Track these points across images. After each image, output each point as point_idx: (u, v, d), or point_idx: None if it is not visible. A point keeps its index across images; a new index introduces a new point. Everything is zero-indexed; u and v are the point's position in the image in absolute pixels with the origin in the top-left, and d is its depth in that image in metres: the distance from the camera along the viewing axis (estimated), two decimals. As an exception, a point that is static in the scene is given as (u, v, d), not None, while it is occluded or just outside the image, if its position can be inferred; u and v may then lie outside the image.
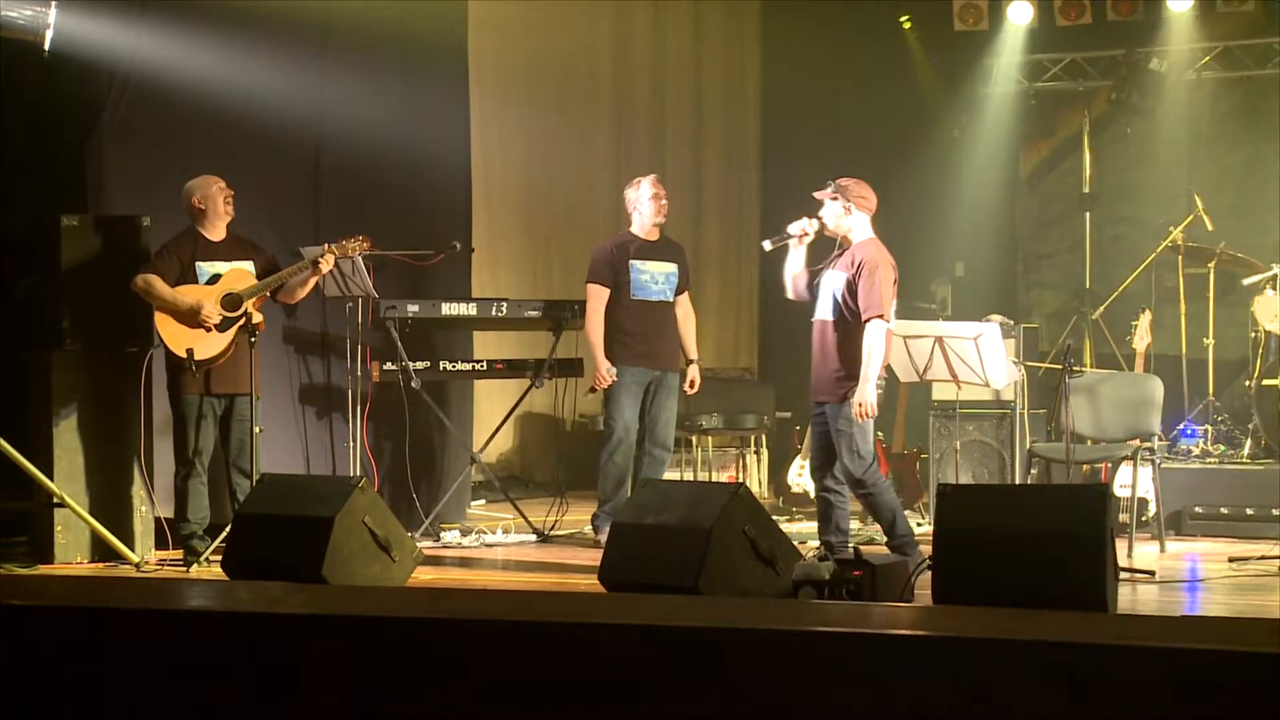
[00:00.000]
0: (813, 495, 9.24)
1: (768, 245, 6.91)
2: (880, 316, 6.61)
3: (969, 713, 3.71)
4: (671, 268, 7.88)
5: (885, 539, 6.86)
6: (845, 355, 6.67)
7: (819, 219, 6.80)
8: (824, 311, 6.75)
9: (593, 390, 8.00)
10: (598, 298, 7.76)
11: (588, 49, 11.01)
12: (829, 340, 6.73)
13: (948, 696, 3.74)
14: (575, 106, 10.87)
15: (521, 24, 10.28)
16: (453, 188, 9.02)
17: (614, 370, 7.69)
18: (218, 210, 7.11)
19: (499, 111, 10.04)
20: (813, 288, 6.86)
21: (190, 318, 6.94)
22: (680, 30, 11.66)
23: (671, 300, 7.88)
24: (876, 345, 6.61)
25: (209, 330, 6.97)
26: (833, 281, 6.75)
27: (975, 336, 7.31)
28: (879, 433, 9.43)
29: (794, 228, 6.81)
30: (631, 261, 7.78)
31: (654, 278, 7.82)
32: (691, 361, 7.98)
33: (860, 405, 6.57)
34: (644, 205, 7.82)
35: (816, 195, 6.83)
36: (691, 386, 7.98)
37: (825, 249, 6.91)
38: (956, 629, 4.15)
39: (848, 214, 6.78)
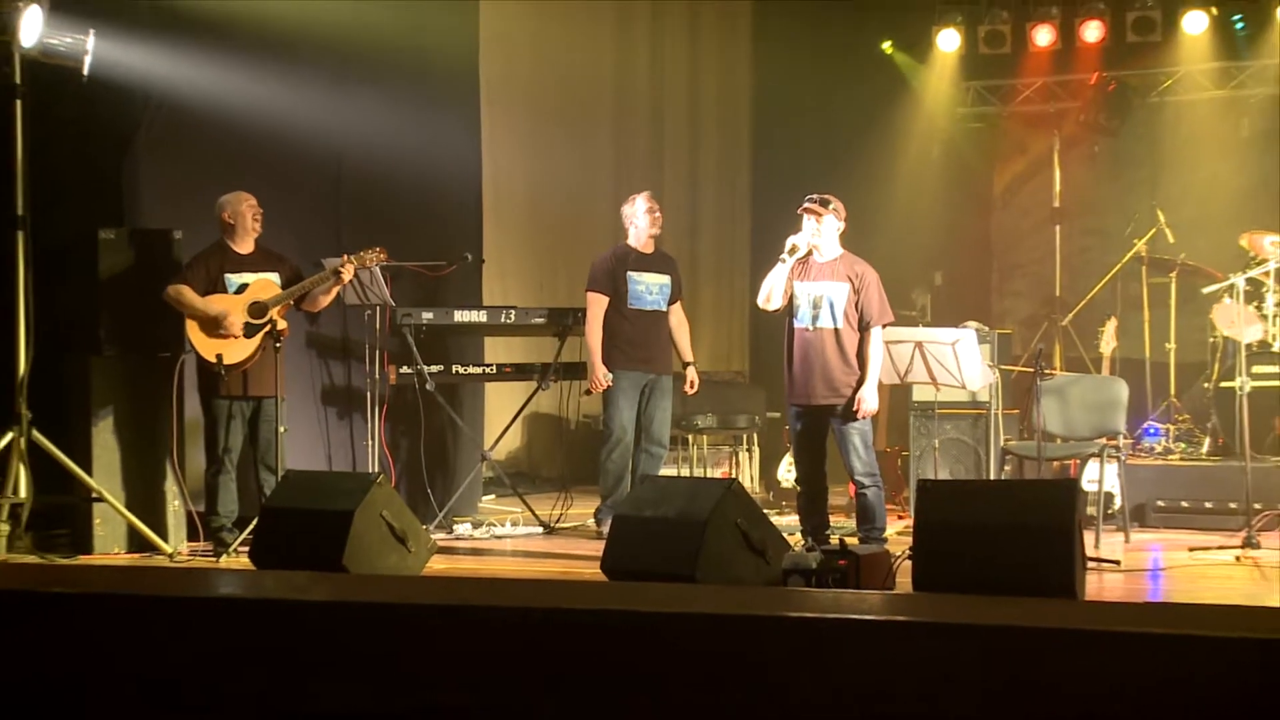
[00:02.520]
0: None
1: (791, 258, 6.86)
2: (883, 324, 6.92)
3: (946, 693, 3.72)
4: (665, 279, 7.90)
5: (864, 529, 6.87)
6: (855, 360, 6.81)
7: (818, 230, 6.85)
8: (826, 320, 6.80)
9: (589, 392, 8.02)
10: (597, 305, 7.78)
11: (591, 72, 11.03)
12: (836, 347, 6.80)
13: (926, 678, 3.75)
14: (579, 126, 10.89)
15: (529, 47, 10.31)
16: (464, 202, 9.04)
17: (610, 375, 7.70)
18: (246, 227, 7.14)
19: (508, 130, 10.06)
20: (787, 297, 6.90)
21: (218, 325, 6.97)
22: (677, 54, 11.68)
23: (665, 309, 7.89)
24: (881, 349, 6.91)
25: (236, 336, 6.99)
26: (829, 292, 6.80)
27: (953, 342, 7.34)
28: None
29: (804, 239, 6.84)
30: (629, 272, 7.79)
31: (649, 288, 7.84)
32: (689, 364, 8.00)
33: (868, 403, 6.79)
34: (640, 219, 7.83)
35: (816, 210, 6.84)
36: (691, 387, 8.00)
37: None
38: (935, 615, 4.17)
39: (841, 228, 6.89)
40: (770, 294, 6.86)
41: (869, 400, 6.82)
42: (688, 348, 8.02)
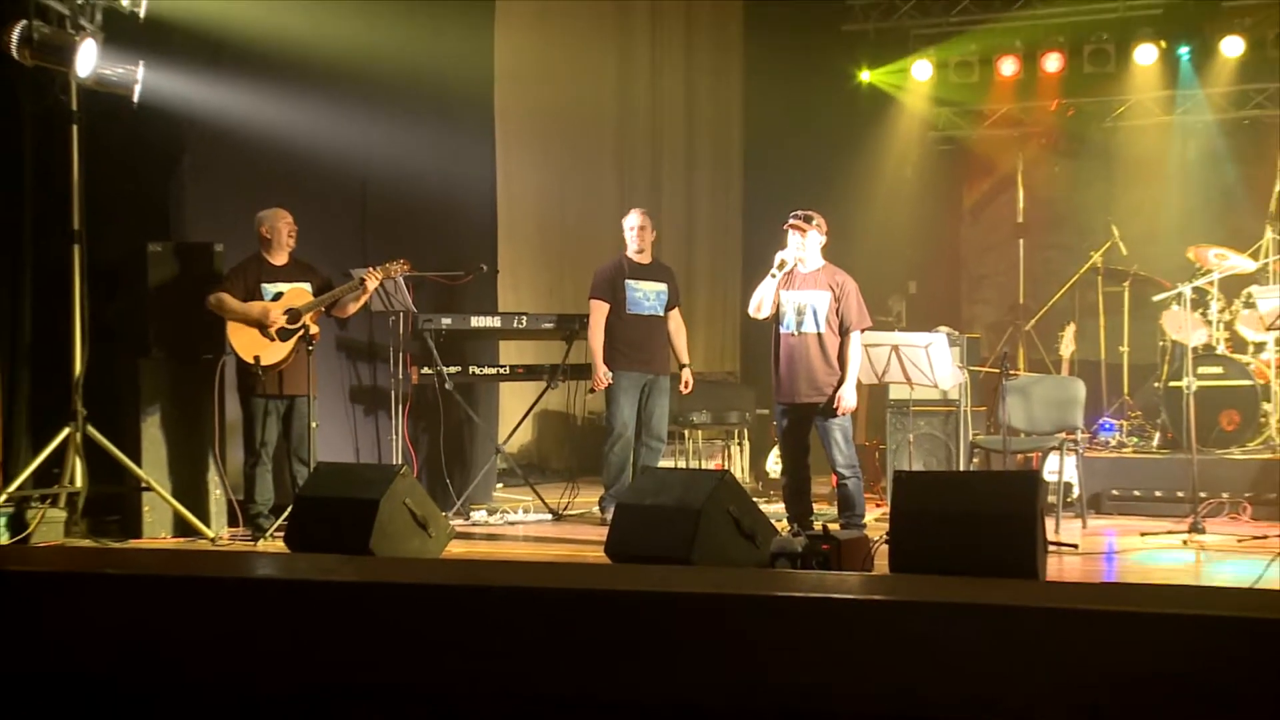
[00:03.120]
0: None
1: (780, 273, 6.84)
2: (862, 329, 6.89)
3: (920, 665, 3.72)
4: (661, 286, 7.89)
5: (845, 516, 6.85)
6: (836, 361, 6.79)
7: (803, 244, 6.85)
8: (809, 326, 6.80)
9: (592, 391, 8.02)
10: (599, 312, 7.77)
11: (595, 100, 11.02)
12: (820, 350, 6.79)
13: (901, 652, 3.75)
14: (584, 149, 10.89)
15: (540, 77, 10.29)
16: (480, 218, 9.03)
17: (610, 374, 7.70)
18: (281, 241, 7.15)
19: (519, 152, 10.04)
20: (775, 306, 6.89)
21: (257, 328, 6.98)
22: (674, 83, 11.67)
23: (662, 314, 7.88)
24: (859, 352, 6.89)
25: (272, 340, 7.00)
26: (812, 300, 6.80)
27: (926, 345, 7.33)
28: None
29: (790, 254, 6.83)
30: (627, 281, 7.79)
31: (646, 295, 7.83)
32: (684, 365, 7.99)
33: (847, 401, 6.77)
34: (627, 235, 7.85)
35: (801, 226, 6.84)
36: (686, 387, 7.99)
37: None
38: (910, 594, 4.17)
39: (823, 242, 6.89)
40: (760, 304, 6.87)
41: (849, 398, 6.81)
42: (684, 350, 8.02)
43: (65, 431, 6.64)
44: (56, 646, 4.25)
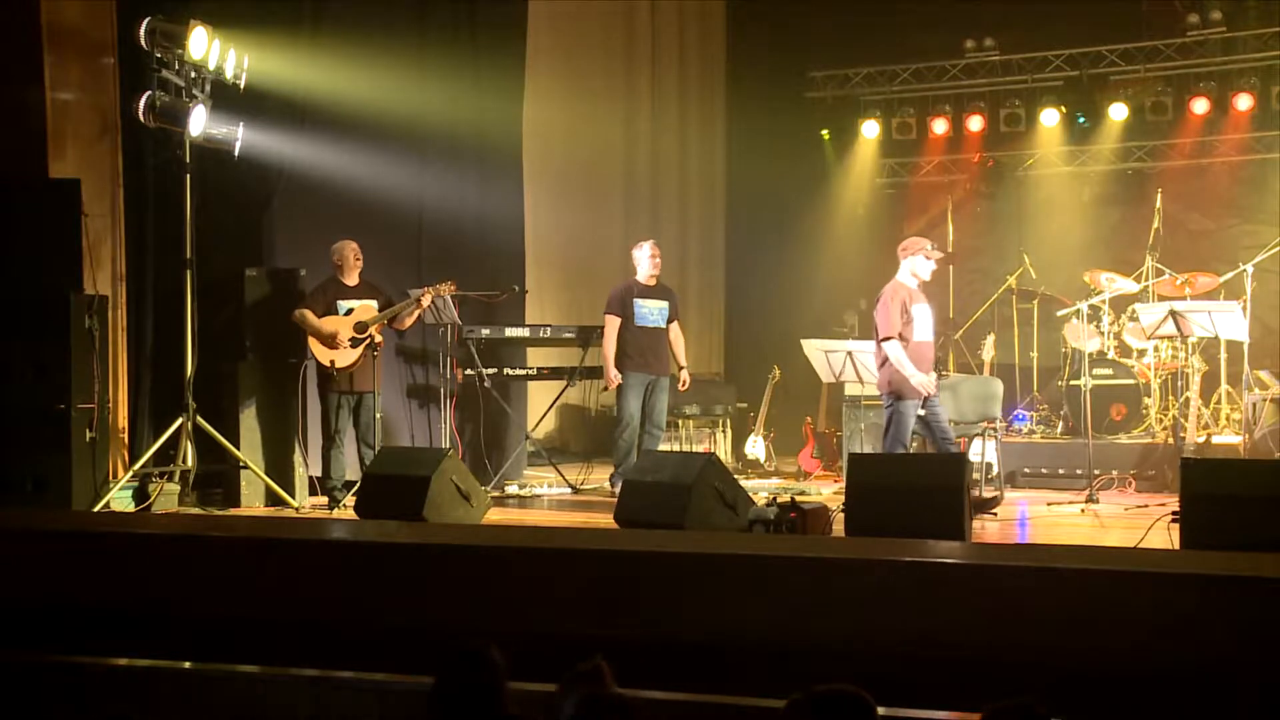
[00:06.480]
0: (762, 461, 9.27)
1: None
2: None
3: (868, 610, 3.72)
4: (664, 304, 7.87)
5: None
6: None
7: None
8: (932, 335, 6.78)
9: (605, 389, 8.01)
10: (611, 325, 7.76)
11: (605, 153, 10.98)
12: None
13: (856, 598, 3.75)
14: (596, 192, 10.84)
15: (560, 134, 10.25)
16: (512, 247, 8.99)
17: (619, 375, 7.68)
18: (351, 266, 7.14)
19: (544, 195, 9.97)
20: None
21: (330, 339, 6.98)
22: (669, 138, 11.64)
23: (664, 326, 7.85)
24: None
25: (344, 347, 7.00)
26: (930, 312, 6.82)
27: (874, 351, 7.32)
28: (809, 417, 9.45)
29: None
30: (635, 299, 7.77)
31: (650, 310, 7.81)
32: (682, 368, 7.96)
33: None
34: (644, 262, 7.82)
35: (939, 256, 6.87)
36: (684, 385, 7.98)
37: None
38: (862, 553, 4.17)
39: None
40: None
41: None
42: (682, 355, 7.97)
43: (179, 421, 6.64)
44: (173, 592, 4.26)
